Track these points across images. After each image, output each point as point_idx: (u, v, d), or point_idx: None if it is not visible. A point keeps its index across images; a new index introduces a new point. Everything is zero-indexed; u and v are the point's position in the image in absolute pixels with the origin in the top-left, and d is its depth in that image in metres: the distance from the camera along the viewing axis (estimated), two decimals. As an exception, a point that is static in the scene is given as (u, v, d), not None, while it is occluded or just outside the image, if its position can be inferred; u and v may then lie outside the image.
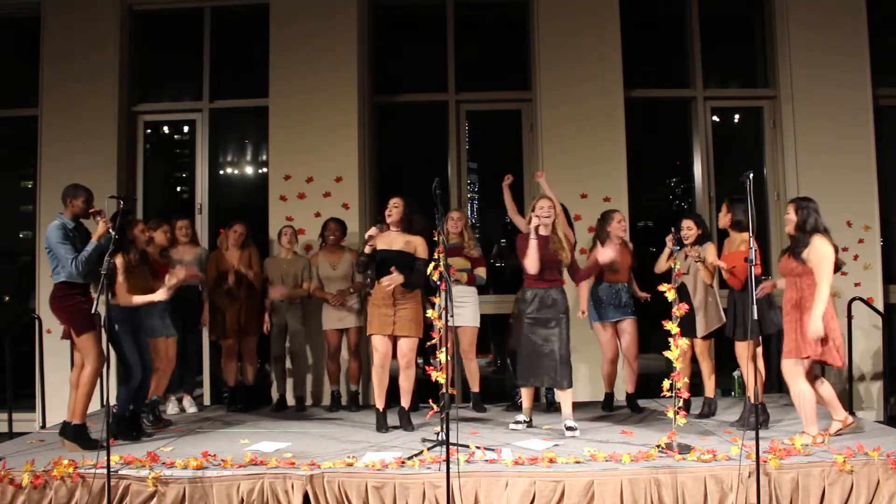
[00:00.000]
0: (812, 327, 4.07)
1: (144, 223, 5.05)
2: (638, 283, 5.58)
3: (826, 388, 4.37)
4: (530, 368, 4.75)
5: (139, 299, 4.59)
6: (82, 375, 4.38)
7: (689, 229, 5.14)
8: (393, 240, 4.86)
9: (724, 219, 4.90)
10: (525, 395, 4.91)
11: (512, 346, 5.71)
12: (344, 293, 5.67)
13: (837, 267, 4.24)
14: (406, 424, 4.86)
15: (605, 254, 4.92)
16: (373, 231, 4.82)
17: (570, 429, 4.59)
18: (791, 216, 4.27)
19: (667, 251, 5.23)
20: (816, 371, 4.39)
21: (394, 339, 4.89)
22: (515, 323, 5.59)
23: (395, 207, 4.87)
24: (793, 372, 4.21)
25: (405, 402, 4.93)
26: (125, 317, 4.59)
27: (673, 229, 5.17)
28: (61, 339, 4.79)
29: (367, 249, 4.80)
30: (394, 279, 4.74)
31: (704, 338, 5.13)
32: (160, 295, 4.58)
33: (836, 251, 4.19)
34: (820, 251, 4.11)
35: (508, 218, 5.84)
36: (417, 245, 4.88)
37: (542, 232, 4.71)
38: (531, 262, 4.67)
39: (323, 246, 5.84)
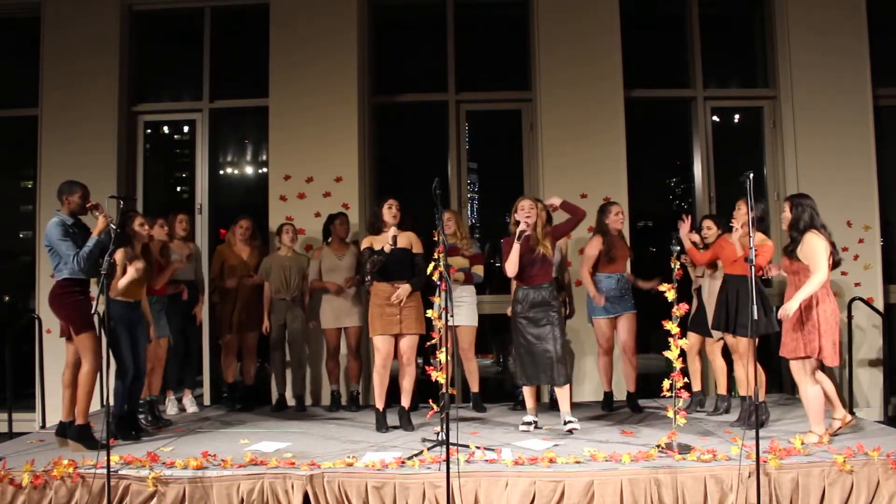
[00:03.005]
0: (786, 307, 4.08)
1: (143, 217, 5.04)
2: (636, 277, 5.58)
3: (826, 384, 4.37)
4: (527, 368, 4.76)
5: (121, 282, 4.53)
6: (81, 374, 4.38)
7: (708, 229, 5.22)
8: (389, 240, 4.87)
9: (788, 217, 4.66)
10: (528, 395, 4.90)
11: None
12: (350, 280, 5.68)
13: (836, 264, 4.25)
14: (406, 424, 4.86)
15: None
16: (396, 232, 4.81)
17: (569, 422, 4.59)
18: (786, 213, 4.29)
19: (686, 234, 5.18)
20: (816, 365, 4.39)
21: (395, 338, 4.91)
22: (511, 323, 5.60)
23: (397, 209, 4.91)
24: (801, 373, 4.22)
25: (405, 401, 4.94)
26: (122, 315, 4.58)
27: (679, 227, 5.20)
28: (60, 337, 4.79)
29: (387, 248, 4.78)
30: (401, 293, 4.80)
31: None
32: (130, 272, 4.53)
33: (834, 248, 4.21)
34: (811, 245, 4.13)
35: (508, 218, 5.83)
36: (413, 240, 4.96)
37: (524, 229, 4.66)
38: (511, 266, 4.69)
39: (330, 242, 5.84)
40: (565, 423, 4.61)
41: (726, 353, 5.20)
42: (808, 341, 4.14)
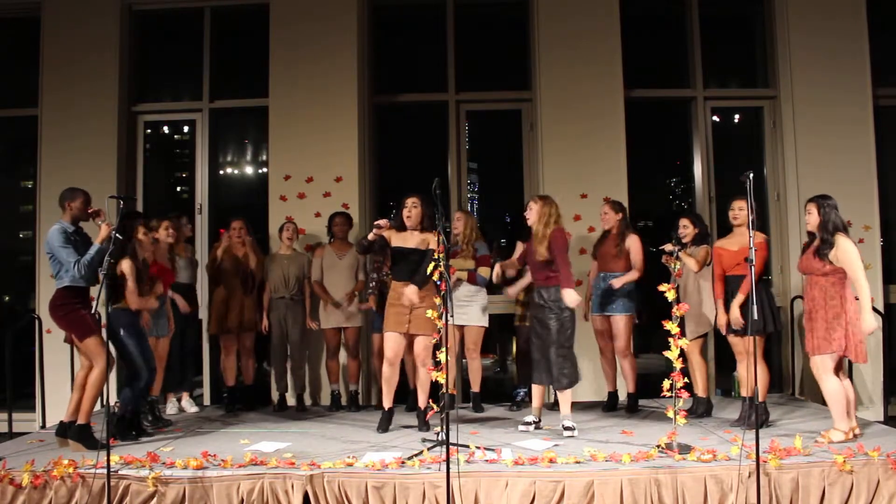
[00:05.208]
0: (865, 322, 4.17)
1: (145, 223, 5.03)
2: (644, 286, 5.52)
3: (847, 391, 4.38)
4: (544, 369, 4.71)
5: (140, 304, 4.62)
6: (91, 377, 4.37)
7: (685, 227, 5.17)
8: (408, 238, 4.84)
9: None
10: (535, 395, 4.87)
11: (521, 346, 5.70)
12: (350, 296, 5.70)
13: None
14: (422, 424, 4.83)
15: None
16: (382, 222, 4.76)
17: (567, 429, 4.58)
18: (813, 215, 4.31)
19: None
20: (842, 366, 4.41)
21: (406, 338, 4.88)
22: (522, 323, 5.58)
23: (413, 208, 4.81)
24: (823, 369, 4.24)
25: (422, 401, 4.89)
26: (130, 320, 4.59)
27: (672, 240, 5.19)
28: (64, 342, 4.79)
29: (371, 236, 4.75)
30: (408, 293, 4.71)
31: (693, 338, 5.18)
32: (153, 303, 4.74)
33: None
34: (847, 251, 4.20)
35: (508, 218, 5.84)
36: (430, 240, 4.83)
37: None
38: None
39: (331, 242, 5.85)
40: (564, 429, 4.60)
41: (724, 354, 5.17)
42: (835, 338, 4.18)
